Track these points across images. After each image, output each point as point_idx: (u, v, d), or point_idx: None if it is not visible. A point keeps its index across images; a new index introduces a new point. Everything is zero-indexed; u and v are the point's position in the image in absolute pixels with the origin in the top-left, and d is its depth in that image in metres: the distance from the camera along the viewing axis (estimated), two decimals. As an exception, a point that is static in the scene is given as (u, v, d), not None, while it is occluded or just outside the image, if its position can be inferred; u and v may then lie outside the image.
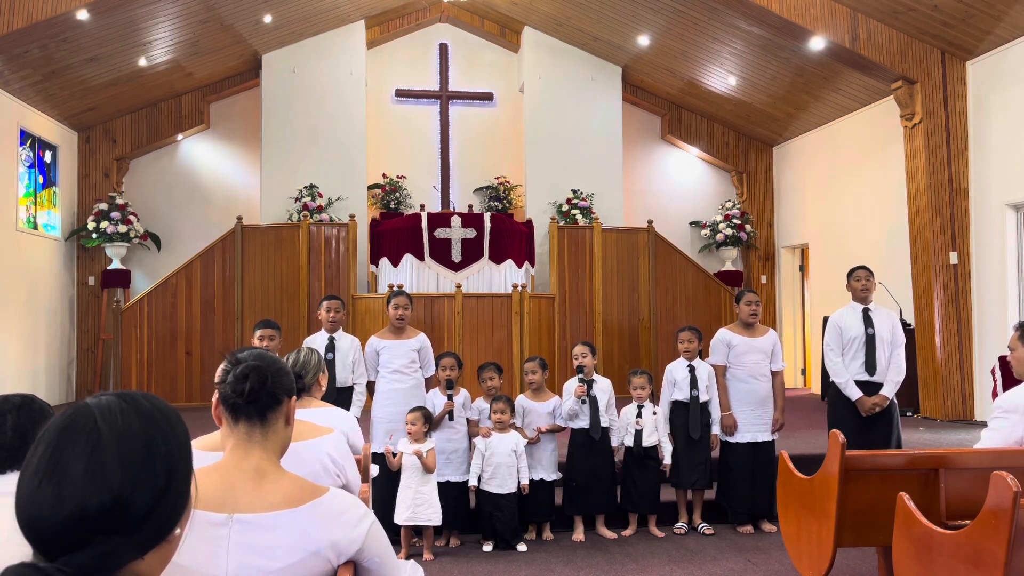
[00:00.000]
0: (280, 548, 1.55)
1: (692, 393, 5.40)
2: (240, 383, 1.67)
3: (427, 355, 5.45)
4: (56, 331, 10.10)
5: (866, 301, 5.34)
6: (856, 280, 5.38)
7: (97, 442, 0.96)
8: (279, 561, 1.55)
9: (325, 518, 1.60)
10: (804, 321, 11.81)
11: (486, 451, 5.10)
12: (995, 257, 8.20)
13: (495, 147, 11.60)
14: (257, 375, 1.68)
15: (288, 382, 1.76)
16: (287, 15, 9.95)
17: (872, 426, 5.22)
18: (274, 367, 1.73)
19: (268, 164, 10.64)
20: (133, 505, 0.95)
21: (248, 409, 1.68)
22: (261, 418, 1.69)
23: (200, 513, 1.53)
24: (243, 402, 1.67)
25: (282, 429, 1.74)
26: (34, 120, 9.63)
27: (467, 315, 9.17)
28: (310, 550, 1.56)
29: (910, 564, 3.00)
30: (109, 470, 0.95)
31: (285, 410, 1.74)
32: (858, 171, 10.19)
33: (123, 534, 0.94)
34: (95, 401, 1.01)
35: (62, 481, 0.93)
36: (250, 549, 1.54)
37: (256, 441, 1.67)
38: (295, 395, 1.80)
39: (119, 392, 1.04)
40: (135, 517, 0.95)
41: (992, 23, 7.80)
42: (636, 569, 4.62)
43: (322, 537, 1.58)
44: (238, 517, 1.56)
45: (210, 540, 1.54)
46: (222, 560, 1.54)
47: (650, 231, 10.42)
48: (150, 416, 1.02)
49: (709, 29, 9.61)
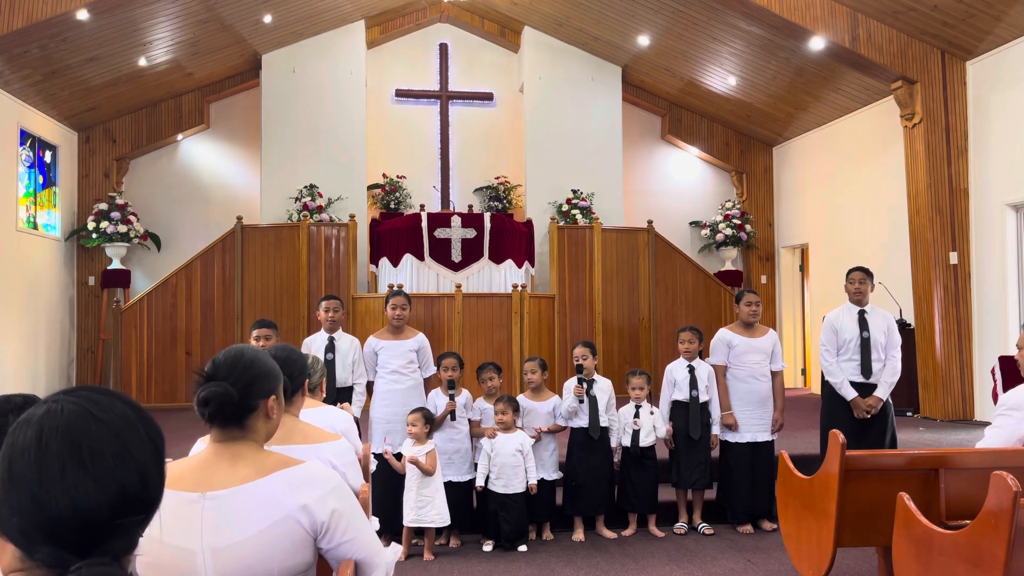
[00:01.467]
0: (250, 516, 1.60)
1: (692, 393, 5.40)
2: (201, 407, 1.70)
3: (426, 355, 5.45)
4: (56, 331, 10.10)
5: (861, 303, 5.34)
6: (850, 282, 5.39)
7: (108, 428, 0.99)
8: (250, 528, 1.59)
9: (294, 484, 1.64)
10: (804, 321, 11.81)
11: (492, 452, 5.10)
12: (995, 257, 8.20)
13: (495, 147, 11.59)
14: (217, 403, 1.67)
15: (265, 386, 1.75)
16: (287, 15, 9.95)
17: (867, 426, 5.22)
18: (249, 374, 1.72)
19: (268, 164, 10.64)
20: (150, 484, 1.00)
21: (218, 422, 1.71)
22: (237, 424, 1.71)
23: (174, 493, 1.58)
24: (207, 421, 1.71)
25: (263, 425, 1.76)
26: (34, 120, 9.63)
27: (467, 315, 9.17)
28: (280, 515, 1.61)
29: (910, 564, 3.00)
30: (130, 451, 0.99)
31: (264, 410, 1.75)
32: (858, 171, 10.19)
33: (143, 512, 0.99)
34: (67, 398, 1.02)
35: (92, 470, 0.94)
36: (222, 522, 1.60)
37: (235, 436, 1.71)
38: (276, 392, 1.79)
39: (74, 388, 1.05)
40: (153, 495, 1.00)
41: (992, 23, 7.80)
42: (636, 569, 4.63)
43: (291, 502, 1.62)
44: (210, 495, 1.61)
45: (184, 517, 1.59)
46: (196, 535, 1.59)
47: (650, 231, 10.42)
48: (127, 402, 1.06)
49: (709, 29, 9.61)
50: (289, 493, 1.63)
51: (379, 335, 5.45)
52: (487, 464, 5.11)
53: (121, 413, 1.02)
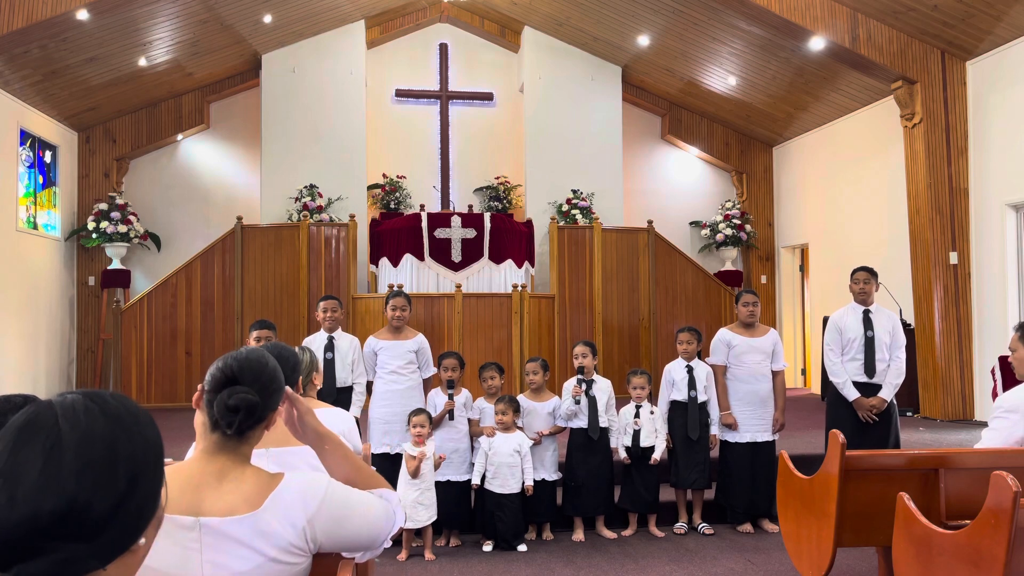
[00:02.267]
0: (248, 551, 1.58)
1: (690, 393, 5.40)
2: (230, 415, 1.64)
3: (425, 356, 5.45)
4: (56, 331, 10.09)
5: (866, 303, 5.34)
6: (855, 282, 5.39)
7: (56, 442, 0.87)
8: (250, 562, 1.58)
9: (283, 510, 1.62)
10: (804, 321, 11.81)
11: (489, 451, 5.10)
12: (995, 257, 8.20)
13: (495, 147, 11.59)
14: (247, 413, 1.64)
15: (277, 400, 1.74)
16: (287, 15, 9.95)
17: (871, 427, 5.22)
18: (269, 388, 1.70)
19: (268, 164, 10.64)
20: (91, 511, 0.86)
21: (229, 431, 1.67)
22: (239, 435, 1.68)
23: (168, 517, 1.51)
24: (226, 430, 1.66)
25: (261, 434, 1.74)
26: (34, 120, 9.63)
27: (467, 315, 9.17)
28: (279, 547, 1.60)
29: (910, 564, 3.00)
30: (66, 472, 0.86)
31: (269, 420, 1.74)
32: (858, 171, 10.19)
33: (81, 541, 0.86)
34: (59, 399, 0.93)
35: (15, 483, 0.84)
36: (220, 551, 1.58)
37: (228, 448, 1.68)
38: (281, 404, 1.79)
39: (86, 391, 0.96)
40: (94, 524, 0.87)
41: (992, 23, 7.80)
42: (636, 569, 4.63)
43: (286, 533, 1.61)
44: (204, 521, 1.58)
45: (181, 543, 1.56)
46: (195, 563, 1.56)
47: (650, 231, 10.42)
48: (116, 417, 0.94)
49: (709, 29, 9.61)
50: (282, 523, 1.60)
51: (379, 335, 5.45)
52: (484, 463, 5.11)
53: (87, 428, 0.91)
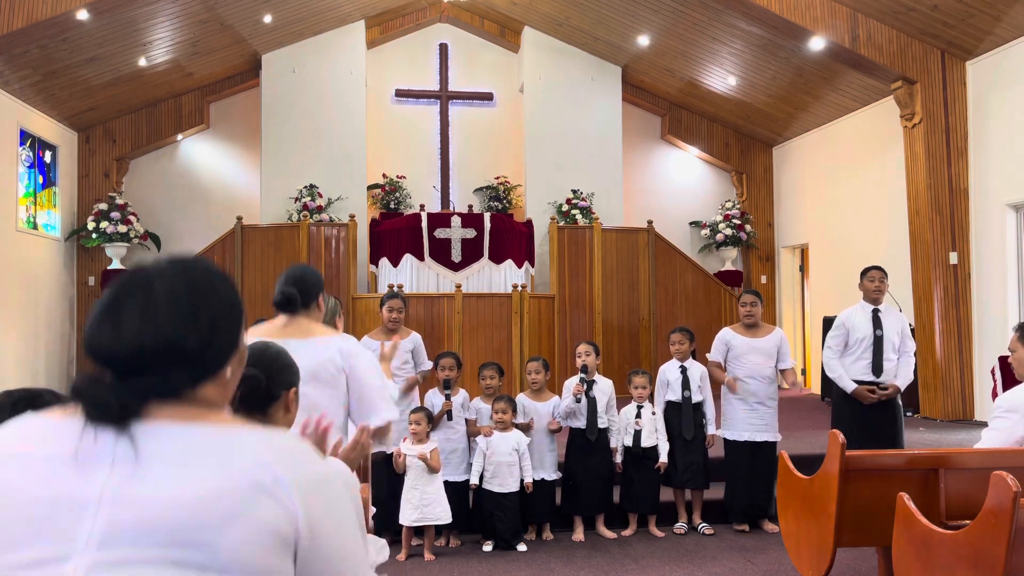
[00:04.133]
0: None
1: (684, 394, 5.41)
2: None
3: (420, 352, 5.52)
4: (56, 331, 10.09)
5: (877, 302, 5.34)
6: (869, 280, 5.37)
7: (149, 296, 1.09)
8: None
9: None
10: (804, 321, 11.80)
11: (487, 450, 5.10)
12: (995, 257, 8.20)
13: (495, 147, 11.59)
14: (247, 387, 1.74)
15: (287, 378, 1.88)
16: (287, 15, 9.94)
17: (879, 426, 5.19)
18: (275, 365, 1.83)
19: (268, 164, 10.64)
20: (185, 348, 1.08)
21: (243, 409, 1.76)
22: (261, 412, 1.81)
23: None
24: (236, 407, 1.73)
25: (282, 416, 1.87)
26: (34, 120, 9.62)
27: (467, 315, 9.17)
28: None
29: (910, 564, 3.00)
30: (162, 319, 1.07)
31: (285, 400, 1.87)
32: (858, 171, 10.19)
33: (177, 367, 1.08)
34: (154, 263, 1.14)
35: (119, 323, 1.06)
36: None
37: None
38: (296, 386, 1.92)
39: (174, 256, 1.17)
40: (187, 356, 1.09)
41: (992, 23, 7.80)
42: (636, 569, 4.63)
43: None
44: None
45: None
46: None
47: (650, 231, 10.42)
48: (195, 278, 1.14)
49: (709, 29, 9.61)
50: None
51: (373, 335, 5.45)
52: (482, 462, 5.11)
53: (172, 287, 1.11)
